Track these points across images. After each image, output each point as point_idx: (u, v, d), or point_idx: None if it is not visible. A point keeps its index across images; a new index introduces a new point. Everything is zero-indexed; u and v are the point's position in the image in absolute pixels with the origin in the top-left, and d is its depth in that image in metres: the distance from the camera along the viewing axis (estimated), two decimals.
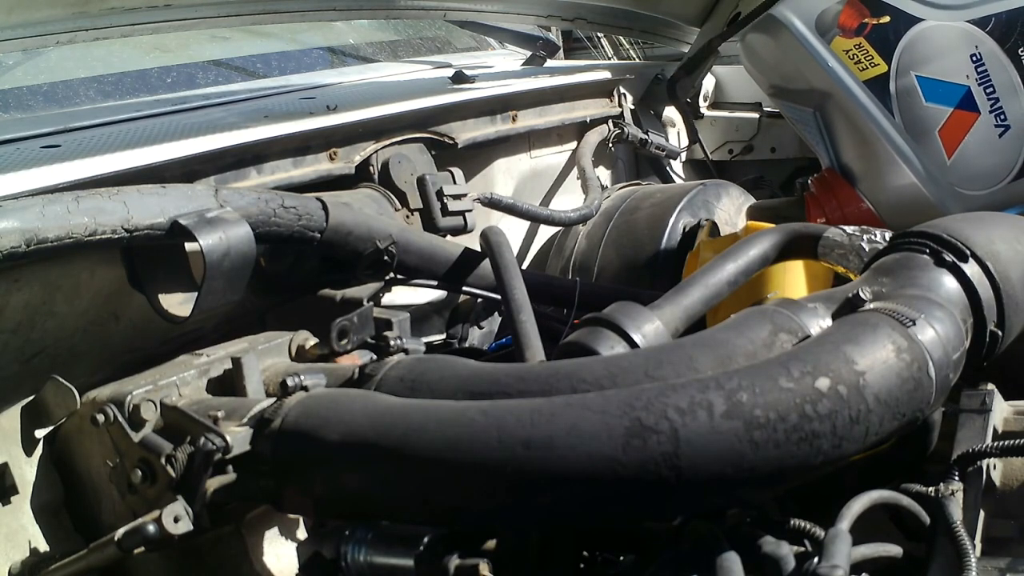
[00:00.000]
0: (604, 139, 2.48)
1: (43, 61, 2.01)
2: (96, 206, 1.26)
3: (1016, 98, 1.69)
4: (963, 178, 1.72)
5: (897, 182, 1.75)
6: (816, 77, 1.81)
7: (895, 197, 1.75)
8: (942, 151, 1.73)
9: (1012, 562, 1.01)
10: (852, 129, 1.78)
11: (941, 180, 1.72)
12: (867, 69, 1.76)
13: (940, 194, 1.72)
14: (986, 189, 1.70)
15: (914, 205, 1.73)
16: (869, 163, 1.77)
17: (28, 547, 1.28)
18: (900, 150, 1.73)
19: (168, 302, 1.41)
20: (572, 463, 0.88)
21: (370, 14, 2.39)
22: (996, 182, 1.69)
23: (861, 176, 1.78)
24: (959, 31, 1.72)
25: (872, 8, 1.78)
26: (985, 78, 1.70)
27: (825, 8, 1.81)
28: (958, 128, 1.72)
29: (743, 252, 1.40)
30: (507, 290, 1.51)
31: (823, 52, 1.80)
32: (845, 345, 0.95)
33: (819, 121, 1.83)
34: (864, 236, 1.38)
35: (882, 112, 1.75)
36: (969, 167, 1.71)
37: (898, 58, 1.74)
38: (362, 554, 1.04)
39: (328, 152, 1.77)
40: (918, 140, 1.73)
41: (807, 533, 1.00)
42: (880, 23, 1.77)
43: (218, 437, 1.06)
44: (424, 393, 1.10)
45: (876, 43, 1.77)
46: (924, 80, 1.74)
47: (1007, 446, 1.08)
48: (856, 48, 1.78)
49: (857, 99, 1.77)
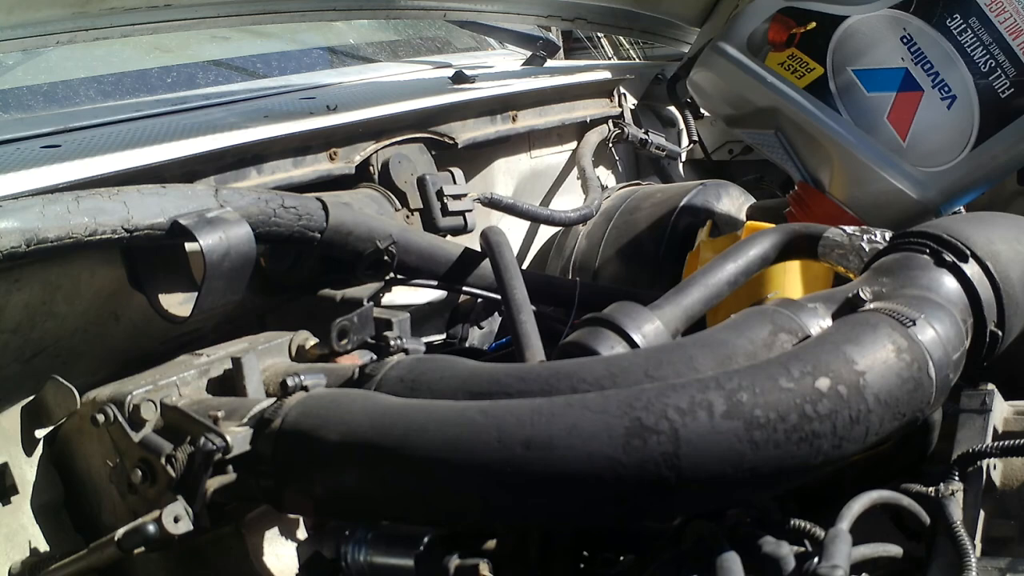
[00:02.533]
0: (604, 139, 2.48)
1: (43, 61, 2.01)
2: (96, 206, 1.26)
3: (955, 67, 1.69)
4: (923, 156, 1.72)
5: (861, 176, 1.76)
6: (759, 96, 1.84)
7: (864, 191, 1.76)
8: (896, 136, 1.73)
9: (1012, 562, 1.01)
10: (807, 137, 1.80)
11: (902, 164, 1.73)
12: (804, 76, 1.79)
13: (905, 178, 1.73)
14: (950, 162, 1.71)
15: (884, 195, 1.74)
16: (831, 165, 1.79)
17: (28, 547, 1.28)
18: (854, 145, 1.75)
19: (168, 302, 1.41)
20: (572, 463, 0.88)
21: (370, 14, 2.39)
22: (957, 153, 1.70)
23: (828, 181, 1.80)
24: (884, 18, 1.74)
25: (796, 18, 1.81)
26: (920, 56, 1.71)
27: (754, 29, 1.83)
28: (905, 110, 1.73)
29: (743, 252, 1.40)
30: (507, 290, 1.51)
31: (759, 70, 1.83)
32: (845, 345, 0.95)
33: (782, 140, 1.85)
34: (864, 236, 1.38)
35: (828, 113, 1.77)
36: (926, 144, 1.72)
37: (831, 58, 1.77)
38: (362, 554, 1.04)
39: (328, 152, 1.77)
40: (870, 131, 1.74)
41: (807, 533, 1.00)
42: (807, 30, 1.80)
43: (218, 437, 1.06)
44: (424, 393, 1.10)
45: (808, 49, 1.79)
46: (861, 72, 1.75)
47: (1007, 446, 1.08)
48: (790, 59, 1.81)
49: (802, 106, 1.79)
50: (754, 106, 1.85)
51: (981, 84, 1.68)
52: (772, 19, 1.81)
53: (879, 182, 1.73)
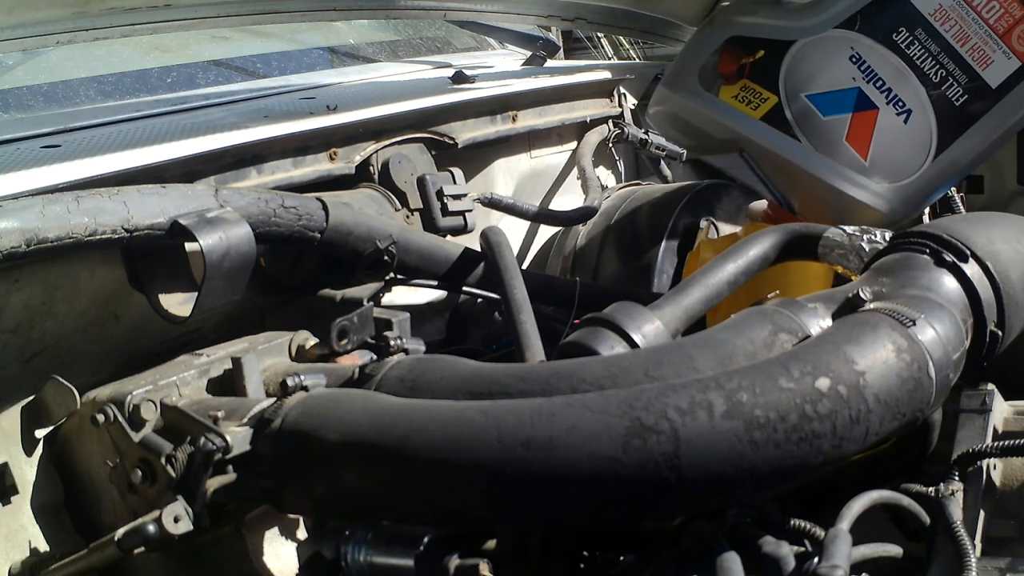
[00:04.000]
0: (604, 139, 2.48)
1: (43, 61, 2.01)
2: (96, 206, 1.26)
3: (906, 81, 1.69)
4: (888, 172, 1.72)
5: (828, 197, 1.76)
6: (717, 129, 1.84)
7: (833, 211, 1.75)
8: (857, 156, 1.73)
9: (1012, 562, 1.01)
10: (770, 165, 1.80)
11: (867, 183, 1.73)
12: (759, 107, 1.78)
13: (872, 195, 1.73)
14: (914, 173, 1.70)
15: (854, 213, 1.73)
16: (798, 190, 1.79)
17: (28, 547, 1.28)
18: (818, 168, 1.74)
19: (168, 302, 1.41)
20: (572, 463, 0.88)
21: (370, 14, 2.39)
22: (920, 164, 1.69)
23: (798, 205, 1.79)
24: (831, 40, 1.74)
25: (744, 47, 1.79)
26: (871, 74, 1.71)
27: (703, 64, 1.83)
28: (863, 129, 1.73)
29: (743, 252, 1.40)
30: (507, 290, 1.51)
31: (714, 105, 1.82)
32: (845, 345, 0.95)
33: (748, 161, 1.84)
34: (864, 236, 1.38)
35: (787, 141, 1.76)
36: (888, 160, 1.72)
37: (783, 85, 1.76)
38: (362, 554, 1.04)
39: (328, 152, 1.77)
40: (831, 154, 1.74)
41: (807, 533, 1.00)
42: (756, 59, 1.79)
43: (218, 437, 1.06)
44: (424, 393, 1.10)
45: (759, 79, 1.79)
46: (815, 97, 1.75)
47: (1007, 446, 1.08)
48: (742, 90, 1.80)
49: (761, 136, 1.79)
50: (714, 139, 1.84)
51: (934, 95, 1.68)
52: (720, 51, 1.81)
53: (847, 201, 1.73)
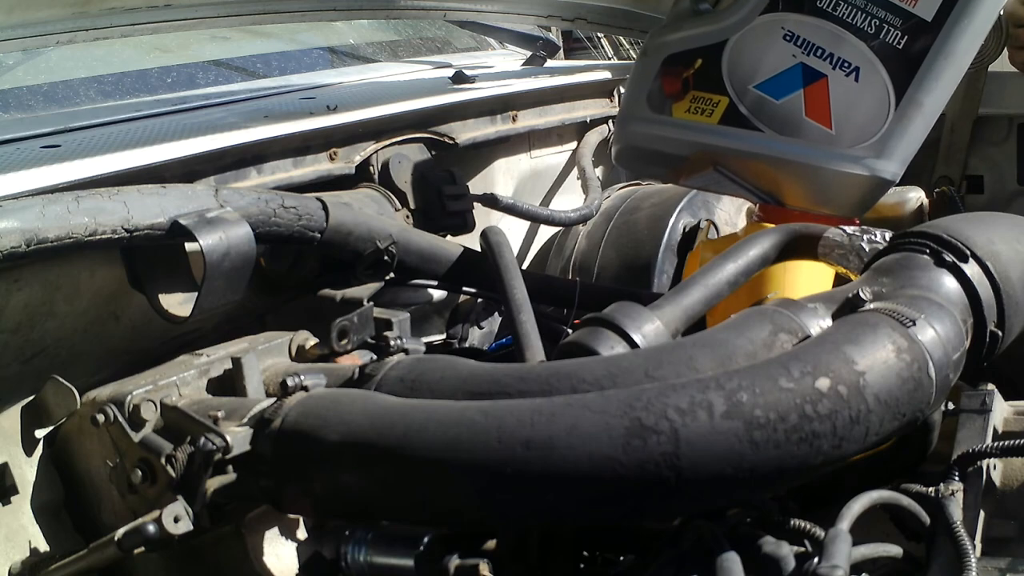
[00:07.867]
0: (604, 139, 2.48)
1: (43, 61, 2.01)
2: (96, 206, 1.26)
3: (844, 41, 1.67)
4: (856, 134, 1.70)
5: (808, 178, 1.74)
6: (680, 148, 1.83)
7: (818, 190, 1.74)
8: (822, 128, 1.71)
9: (1012, 562, 1.01)
10: (743, 166, 1.79)
11: (840, 151, 1.71)
12: (713, 112, 1.77)
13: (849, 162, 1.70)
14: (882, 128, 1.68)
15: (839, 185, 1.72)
16: (778, 182, 1.78)
17: (28, 547, 1.28)
18: (788, 153, 1.74)
19: (168, 302, 1.41)
20: (572, 463, 0.88)
21: (370, 14, 2.39)
22: (885, 115, 1.67)
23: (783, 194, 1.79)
24: (761, 27, 1.73)
25: (682, 62, 1.79)
26: (808, 46, 1.70)
27: (648, 91, 1.83)
28: (819, 100, 1.71)
29: (743, 252, 1.40)
30: (507, 290, 1.51)
31: (669, 124, 1.82)
32: (845, 345, 0.95)
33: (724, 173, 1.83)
34: (864, 236, 1.38)
35: (750, 136, 1.75)
36: (852, 123, 1.70)
37: (730, 84, 1.75)
38: (362, 554, 1.04)
39: (328, 152, 1.77)
40: (796, 134, 1.73)
41: (807, 533, 1.00)
42: (696, 69, 1.78)
43: (218, 437, 1.06)
44: (424, 393, 1.10)
45: (705, 86, 1.78)
46: (763, 85, 1.74)
47: (1007, 446, 1.08)
48: (692, 102, 1.79)
49: (724, 140, 1.77)
50: (681, 157, 1.84)
51: (875, 45, 1.65)
52: (660, 75, 1.81)
53: (828, 176, 1.71)
